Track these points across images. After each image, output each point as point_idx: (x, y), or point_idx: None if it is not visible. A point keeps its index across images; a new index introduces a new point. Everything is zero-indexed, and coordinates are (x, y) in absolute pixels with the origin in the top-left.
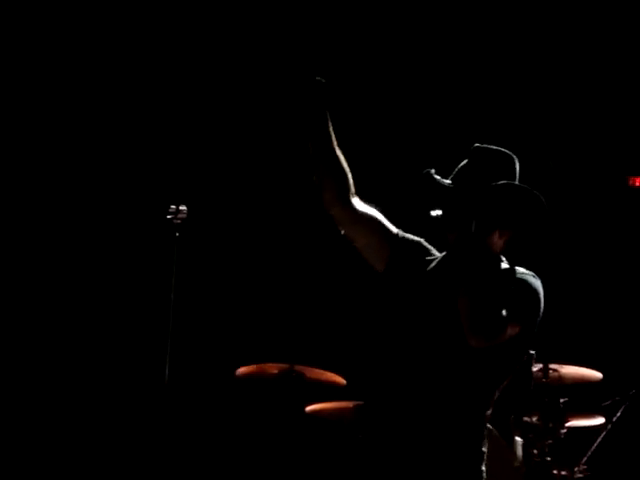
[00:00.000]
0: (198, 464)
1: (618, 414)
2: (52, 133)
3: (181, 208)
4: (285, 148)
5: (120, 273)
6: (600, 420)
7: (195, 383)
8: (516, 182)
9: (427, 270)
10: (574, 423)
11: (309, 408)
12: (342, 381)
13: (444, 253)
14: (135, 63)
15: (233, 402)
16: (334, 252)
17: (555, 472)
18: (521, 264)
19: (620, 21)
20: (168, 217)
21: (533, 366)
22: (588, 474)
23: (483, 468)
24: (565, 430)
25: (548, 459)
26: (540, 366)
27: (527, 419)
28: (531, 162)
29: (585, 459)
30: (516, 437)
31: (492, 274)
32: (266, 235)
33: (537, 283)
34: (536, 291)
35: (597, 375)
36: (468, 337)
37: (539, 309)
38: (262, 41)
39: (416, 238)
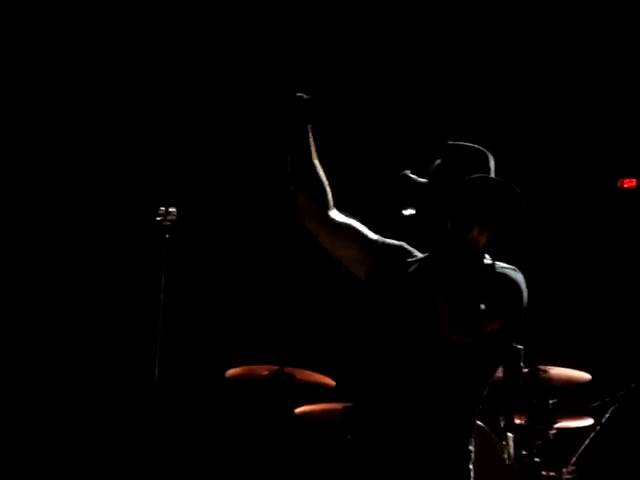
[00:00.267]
0: (188, 466)
1: (607, 415)
2: (43, 135)
3: (170, 210)
4: (271, 153)
5: (110, 274)
6: (589, 421)
7: (185, 384)
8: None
9: (409, 272)
10: (563, 424)
11: (298, 409)
12: (331, 383)
13: (426, 254)
14: (125, 67)
15: (223, 404)
16: (322, 254)
17: (544, 473)
18: (508, 263)
19: (610, 24)
20: (157, 219)
21: (521, 360)
22: (576, 475)
23: (471, 467)
24: (554, 431)
25: (537, 460)
26: (529, 368)
27: (516, 420)
28: (520, 163)
29: (574, 460)
30: (508, 433)
31: (469, 269)
32: (255, 237)
33: (518, 277)
34: (516, 284)
35: (586, 376)
36: (448, 333)
37: (520, 302)
38: (248, 48)
39: (397, 242)
